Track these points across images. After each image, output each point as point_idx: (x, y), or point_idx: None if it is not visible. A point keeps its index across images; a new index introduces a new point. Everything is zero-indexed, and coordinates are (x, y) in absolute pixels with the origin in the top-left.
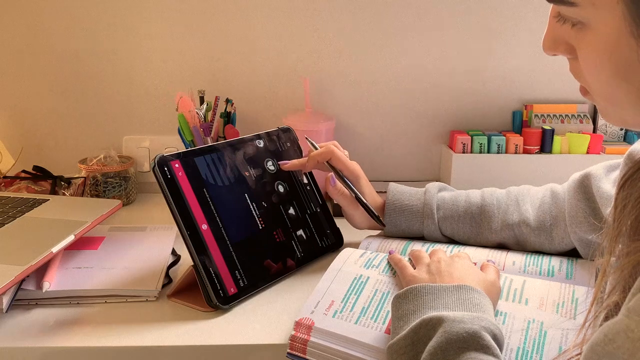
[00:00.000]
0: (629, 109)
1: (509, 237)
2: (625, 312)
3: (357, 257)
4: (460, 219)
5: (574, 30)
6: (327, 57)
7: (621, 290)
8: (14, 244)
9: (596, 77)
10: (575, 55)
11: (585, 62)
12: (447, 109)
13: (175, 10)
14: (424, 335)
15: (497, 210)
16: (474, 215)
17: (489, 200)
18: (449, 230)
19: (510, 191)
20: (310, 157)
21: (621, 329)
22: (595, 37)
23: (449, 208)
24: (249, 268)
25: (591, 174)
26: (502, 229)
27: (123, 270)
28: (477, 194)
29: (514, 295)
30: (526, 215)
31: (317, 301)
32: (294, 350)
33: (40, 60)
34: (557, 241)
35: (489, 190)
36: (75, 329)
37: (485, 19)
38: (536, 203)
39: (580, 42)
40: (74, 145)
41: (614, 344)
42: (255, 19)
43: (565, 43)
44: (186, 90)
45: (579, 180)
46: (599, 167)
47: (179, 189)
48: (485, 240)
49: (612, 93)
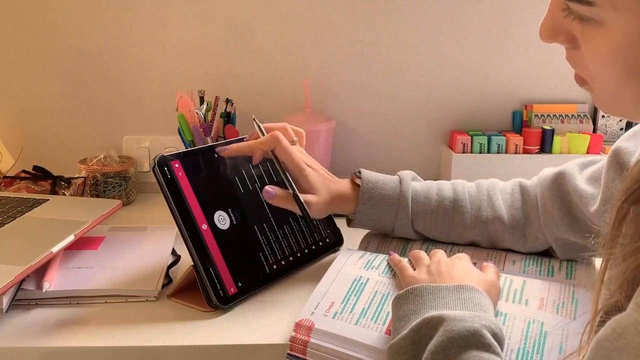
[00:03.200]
0: (630, 104)
1: (482, 234)
2: (634, 307)
3: (357, 259)
4: (432, 214)
5: (580, 24)
6: (327, 58)
7: (622, 291)
8: (14, 244)
9: (603, 73)
10: (574, 45)
11: (592, 57)
12: (447, 109)
13: (175, 10)
14: (424, 335)
15: (469, 205)
16: (447, 210)
17: (461, 195)
18: (420, 225)
19: (480, 184)
20: (255, 148)
21: (630, 323)
22: (608, 36)
23: (422, 202)
24: (249, 268)
25: (565, 172)
26: (475, 225)
27: (123, 270)
28: (448, 186)
29: (514, 296)
30: (500, 212)
31: (317, 302)
32: (294, 352)
33: (41, 60)
34: (530, 240)
35: (459, 182)
36: (75, 329)
37: (486, 19)
38: (507, 199)
39: (587, 37)
40: (74, 145)
41: (623, 338)
42: (255, 19)
43: (566, 32)
44: (186, 90)
45: (552, 179)
46: (572, 165)
47: (179, 189)
48: (458, 237)
49: (617, 89)
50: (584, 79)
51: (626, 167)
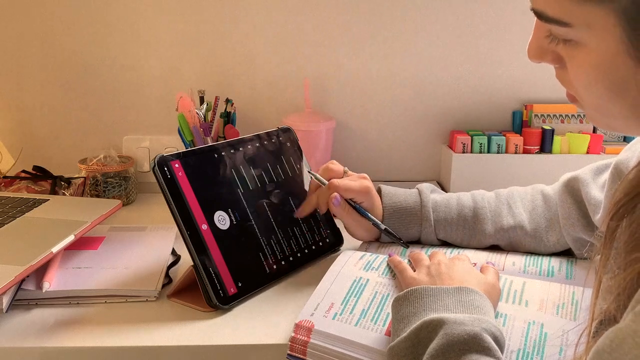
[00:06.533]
0: (619, 119)
1: (503, 240)
2: (632, 317)
3: (357, 260)
4: (454, 223)
5: (565, 45)
6: (327, 58)
7: (618, 302)
8: (14, 244)
9: (588, 90)
10: (562, 64)
11: (577, 75)
12: (447, 109)
13: (176, 10)
14: (424, 337)
15: (490, 213)
16: (467, 219)
17: (480, 204)
18: (442, 233)
19: (499, 194)
20: (321, 201)
21: (628, 335)
22: (589, 55)
23: (442, 211)
24: (249, 268)
25: (579, 178)
26: (496, 232)
27: (123, 270)
28: (467, 197)
29: (514, 297)
30: (520, 218)
31: (317, 303)
32: (294, 352)
33: (41, 60)
34: (551, 243)
35: (478, 192)
36: (75, 329)
37: (486, 19)
38: (528, 206)
39: (571, 57)
40: (74, 145)
41: (621, 349)
42: (255, 19)
43: (553, 52)
44: (186, 90)
45: (567, 183)
46: (587, 170)
47: (179, 189)
48: (479, 243)
49: (603, 105)
50: (574, 97)
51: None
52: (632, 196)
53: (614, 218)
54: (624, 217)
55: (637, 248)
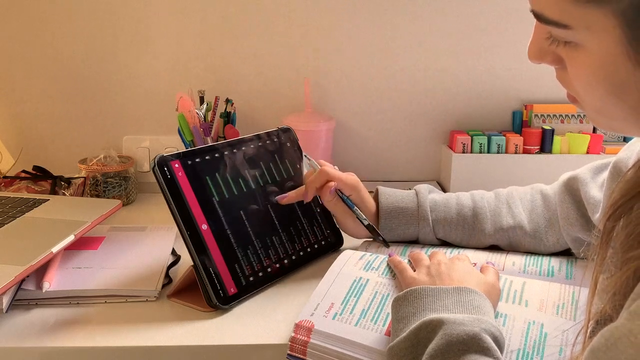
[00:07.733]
0: (619, 120)
1: (503, 239)
2: (627, 316)
3: (357, 260)
4: (453, 222)
5: (565, 47)
6: (327, 57)
7: (614, 302)
8: (14, 244)
9: (588, 92)
10: (562, 66)
11: (577, 77)
12: (447, 109)
13: (175, 10)
14: (424, 338)
15: (489, 213)
16: (466, 219)
17: (480, 204)
18: (441, 233)
19: (499, 194)
20: (309, 186)
21: (623, 334)
22: (588, 57)
23: (442, 210)
24: (249, 268)
25: (578, 177)
26: (496, 232)
27: (123, 270)
28: (467, 197)
29: (514, 297)
30: (520, 218)
31: (317, 303)
32: (294, 352)
33: (41, 60)
34: (551, 243)
35: (477, 192)
36: (75, 329)
37: (486, 19)
38: (527, 206)
39: (571, 58)
40: (74, 145)
41: (616, 349)
42: (255, 19)
43: (553, 53)
44: (186, 90)
45: (566, 183)
46: (586, 169)
47: (179, 189)
48: (478, 243)
49: (603, 106)
50: (574, 98)
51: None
52: (630, 197)
53: (611, 218)
54: (621, 218)
55: (633, 247)
